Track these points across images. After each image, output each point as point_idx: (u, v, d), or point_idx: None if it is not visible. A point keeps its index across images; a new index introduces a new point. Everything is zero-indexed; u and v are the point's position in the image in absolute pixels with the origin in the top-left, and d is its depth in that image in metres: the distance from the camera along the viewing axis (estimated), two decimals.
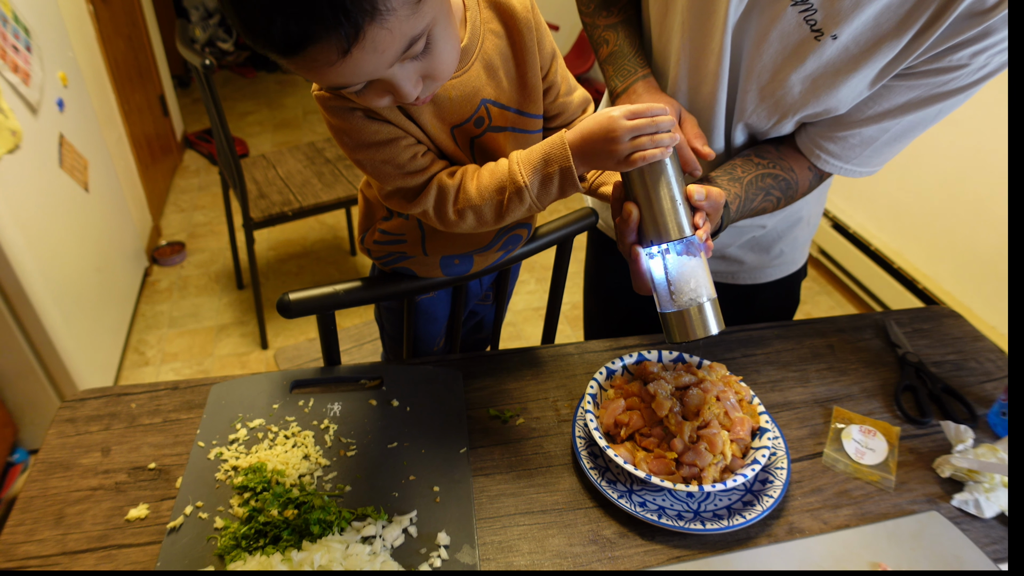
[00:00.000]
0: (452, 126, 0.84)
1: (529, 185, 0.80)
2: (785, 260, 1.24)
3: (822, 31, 0.88)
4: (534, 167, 0.79)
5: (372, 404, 0.97)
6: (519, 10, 0.84)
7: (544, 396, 1.01)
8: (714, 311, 0.80)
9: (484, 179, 0.82)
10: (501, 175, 0.81)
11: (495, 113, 0.86)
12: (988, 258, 2.28)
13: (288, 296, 0.94)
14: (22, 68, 1.91)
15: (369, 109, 0.78)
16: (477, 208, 0.82)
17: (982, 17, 0.82)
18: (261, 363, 2.47)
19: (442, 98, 0.81)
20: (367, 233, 1.00)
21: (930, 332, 1.19)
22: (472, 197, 0.82)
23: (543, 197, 0.81)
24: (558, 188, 0.80)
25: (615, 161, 0.76)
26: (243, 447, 0.90)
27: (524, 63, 0.86)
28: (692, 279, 0.79)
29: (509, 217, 0.83)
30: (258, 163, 2.56)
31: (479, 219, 0.83)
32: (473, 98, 0.83)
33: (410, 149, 0.82)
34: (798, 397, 1.04)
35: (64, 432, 0.94)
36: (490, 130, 0.86)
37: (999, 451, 0.92)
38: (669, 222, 0.79)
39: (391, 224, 0.96)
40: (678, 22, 0.96)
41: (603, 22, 1.05)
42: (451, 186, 0.82)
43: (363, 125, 0.79)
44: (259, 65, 5.17)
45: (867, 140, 0.97)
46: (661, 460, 0.83)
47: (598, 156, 0.77)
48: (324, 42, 0.60)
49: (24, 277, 1.80)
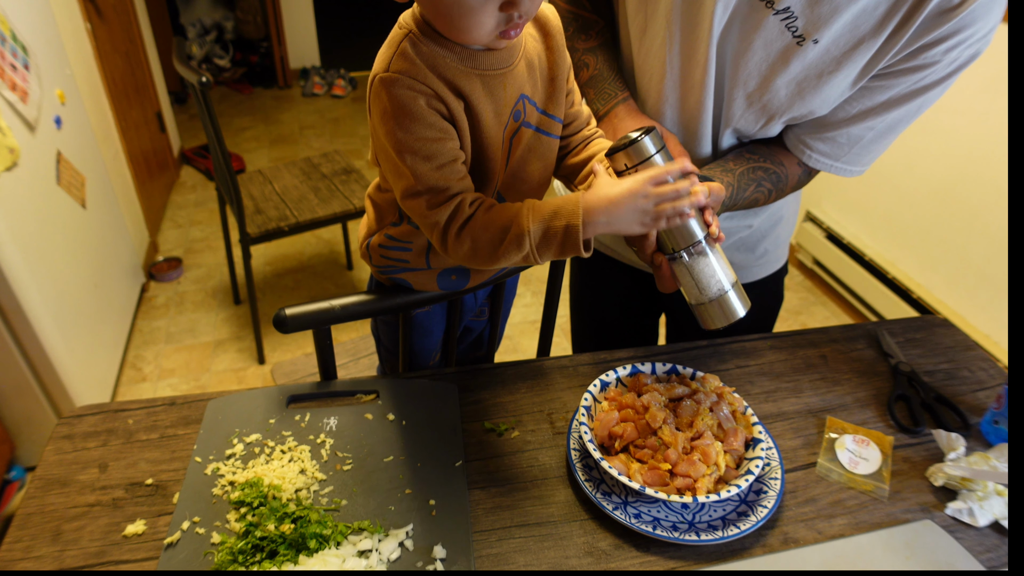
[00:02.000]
0: (503, 126, 0.88)
1: (531, 233, 0.81)
2: (769, 258, 1.27)
3: (803, 36, 0.91)
4: (542, 217, 0.81)
5: (368, 418, 0.97)
6: (552, 20, 0.92)
7: (539, 409, 1.02)
8: (739, 295, 0.90)
9: (494, 213, 0.83)
10: (509, 215, 0.82)
11: (529, 109, 0.90)
12: (980, 267, 2.29)
13: (284, 311, 0.95)
14: (20, 86, 1.92)
15: (433, 97, 0.80)
16: (477, 238, 0.83)
17: (950, 14, 0.87)
18: (258, 378, 2.47)
19: (498, 93, 0.85)
20: (372, 237, 1.01)
21: (922, 341, 1.19)
22: (477, 226, 0.83)
23: (543, 250, 0.82)
24: (559, 244, 0.81)
25: (640, 226, 0.81)
26: (240, 462, 0.91)
27: (555, 65, 0.92)
28: (715, 272, 0.88)
29: (504, 260, 0.84)
30: (254, 179, 2.57)
31: (475, 250, 0.84)
32: (517, 91, 0.88)
33: (455, 152, 0.84)
34: (791, 407, 1.04)
35: (62, 448, 0.95)
36: (524, 125, 0.90)
37: (991, 459, 0.93)
38: (686, 230, 0.86)
39: (399, 230, 0.97)
40: (660, 37, 0.98)
41: (582, 46, 1.07)
42: (467, 207, 0.84)
43: (425, 113, 0.80)
44: (255, 81, 5.20)
45: (854, 139, 1.01)
46: (655, 471, 0.84)
47: (622, 221, 0.80)
48: None
49: (22, 294, 1.81)
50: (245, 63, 5.29)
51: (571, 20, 1.08)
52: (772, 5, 0.90)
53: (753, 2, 0.91)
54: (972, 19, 0.87)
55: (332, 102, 4.89)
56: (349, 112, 4.73)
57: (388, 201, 0.98)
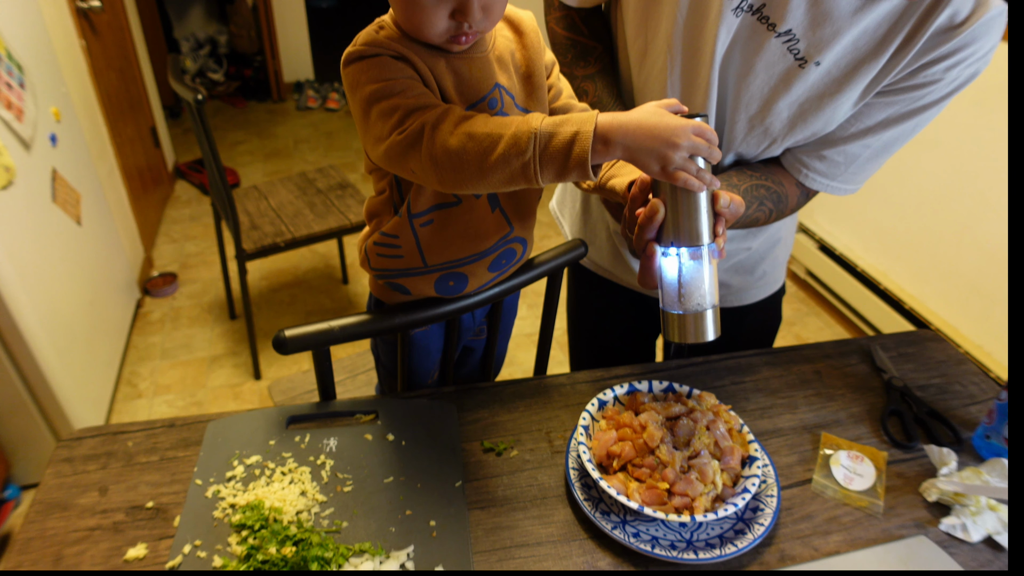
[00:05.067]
0: (469, 104, 0.87)
1: (539, 133, 0.73)
2: (767, 280, 1.28)
3: (806, 59, 0.92)
4: (552, 121, 0.74)
5: (368, 439, 0.98)
6: (526, 21, 0.94)
7: (537, 427, 1.03)
8: (714, 318, 0.84)
9: (496, 118, 0.78)
10: (515, 117, 0.77)
11: (507, 101, 0.90)
12: (972, 278, 2.32)
13: (284, 333, 0.96)
14: (16, 105, 1.93)
15: (399, 56, 0.82)
16: (473, 134, 0.75)
17: (953, 32, 0.88)
18: (254, 394, 2.47)
19: (463, 73, 0.86)
20: (369, 239, 1.02)
21: (915, 356, 1.21)
22: (476, 123, 0.76)
23: (545, 160, 0.74)
24: (562, 152, 0.73)
25: (659, 166, 0.74)
26: (240, 484, 0.91)
27: (531, 62, 0.93)
28: (703, 285, 0.83)
29: (498, 169, 0.75)
30: (250, 194, 2.58)
31: (464, 151, 0.75)
32: (489, 79, 0.88)
33: (426, 91, 0.82)
34: (787, 424, 1.05)
35: (61, 472, 0.95)
36: (501, 114, 0.88)
37: (983, 474, 0.94)
38: (694, 228, 0.80)
39: (391, 225, 0.97)
40: (661, 62, 0.99)
41: (581, 72, 1.08)
42: (459, 110, 0.79)
43: (391, 63, 0.82)
44: (249, 95, 5.21)
45: (851, 157, 1.02)
46: (653, 491, 0.85)
47: (643, 150, 0.73)
48: None
49: (17, 313, 1.81)
50: (239, 77, 5.30)
51: (569, 47, 1.09)
52: (774, 28, 0.91)
53: (755, 25, 0.92)
54: (974, 38, 0.89)
55: (326, 115, 4.90)
56: (343, 125, 4.74)
57: (383, 203, 0.98)
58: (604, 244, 1.26)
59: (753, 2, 0.90)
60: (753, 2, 0.90)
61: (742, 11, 0.91)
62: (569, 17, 1.09)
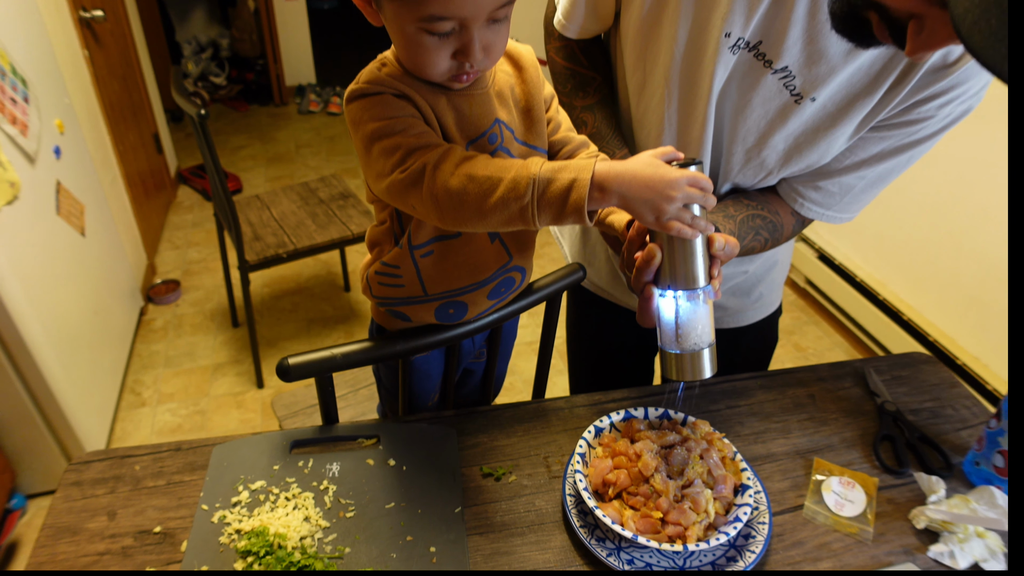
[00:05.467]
0: (469, 140, 0.89)
1: (537, 178, 0.75)
2: (764, 302, 1.30)
3: (801, 95, 0.94)
4: (551, 167, 0.76)
5: (369, 464, 1.00)
6: (525, 56, 0.96)
7: (535, 452, 1.05)
8: (711, 356, 0.86)
9: (496, 159, 0.80)
10: (514, 161, 0.79)
11: (507, 136, 0.92)
12: (970, 289, 2.34)
13: (287, 361, 0.98)
14: (20, 120, 1.95)
15: (400, 95, 0.84)
16: (473, 176, 0.77)
17: (945, 71, 0.91)
18: (256, 402, 2.50)
19: (464, 110, 0.88)
20: (370, 268, 1.04)
21: (908, 379, 1.23)
22: (477, 164, 0.78)
23: (543, 204, 0.76)
24: (561, 200, 0.75)
25: (653, 216, 0.76)
26: (245, 510, 0.93)
27: (530, 96, 0.94)
28: (699, 325, 0.85)
29: (496, 212, 0.77)
30: (252, 204, 2.60)
31: (465, 192, 0.77)
32: (489, 115, 0.90)
33: (427, 130, 0.84)
34: (780, 449, 1.07)
35: (70, 496, 0.97)
36: (502, 150, 0.91)
37: (971, 502, 0.96)
38: (689, 272, 0.83)
39: (392, 255, 0.99)
40: (659, 94, 1.01)
41: (580, 103, 1.10)
42: (461, 150, 0.81)
43: (392, 101, 0.84)
44: (251, 98, 5.23)
45: (846, 188, 1.04)
46: (647, 519, 0.87)
47: (638, 200, 0.75)
48: None
49: (23, 326, 1.83)
50: (241, 80, 5.32)
51: (569, 77, 1.11)
52: (771, 65, 0.93)
53: (751, 62, 0.94)
54: (966, 76, 0.91)
55: (328, 119, 4.92)
56: (345, 130, 4.76)
57: (384, 232, 1.01)
58: (603, 266, 1.28)
59: (750, 40, 0.92)
60: (750, 40, 0.92)
61: (739, 48, 0.93)
62: (569, 47, 1.11)
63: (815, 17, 0.88)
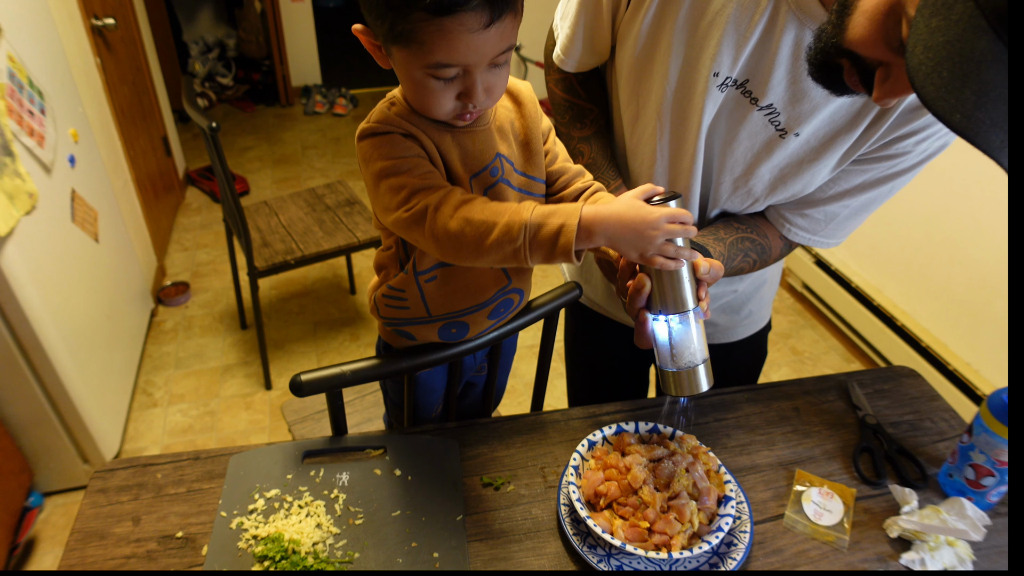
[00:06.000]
0: (472, 174, 0.95)
1: (528, 224, 0.81)
2: (753, 319, 1.36)
3: (786, 130, 1.00)
4: (542, 212, 0.83)
5: (377, 473, 1.06)
6: (524, 92, 1.02)
7: (533, 463, 1.11)
8: (706, 371, 0.93)
9: (492, 204, 0.85)
10: (508, 206, 0.84)
11: (507, 169, 0.98)
12: (963, 296, 2.39)
13: (300, 377, 1.04)
14: (37, 131, 2.01)
15: (408, 135, 0.90)
16: (470, 220, 0.83)
17: (921, 111, 0.96)
18: (265, 404, 2.57)
19: (468, 146, 0.94)
20: (378, 290, 1.10)
21: (890, 392, 1.29)
22: (473, 209, 0.84)
23: (535, 246, 0.82)
24: (551, 243, 0.81)
25: (637, 253, 0.83)
26: (261, 517, 1.00)
27: (529, 130, 1.00)
28: (691, 344, 0.92)
29: (492, 252, 0.83)
30: (260, 210, 2.67)
31: (462, 235, 0.83)
32: (491, 150, 0.96)
33: (432, 170, 0.91)
34: (764, 460, 1.14)
35: (97, 502, 1.04)
36: (503, 182, 0.98)
37: (941, 512, 1.02)
38: (678, 297, 0.90)
39: (398, 280, 1.06)
40: (651, 127, 1.07)
41: (577, 134, 1.16)
42: (460, 194, 0.87)
43: (400, 141, 0.90)
44: (258, 99, 5.29)
45: (830, 216, 1.10)
46: (635, 528, 0.93)
47: (624, 241, 0.82)
48: (478, 12, 0.77)
49: (40, 332, 1.90)
50: (248, 81, 5.38)
51: (567, 108, 1.17)
52: (756, 102, 0.99)
53: (739, 98, 1.00)
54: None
55: (334, 120, 4.98)
56: (350, 131, 4.82)
57: (391, 257, 1.07)
58: (599, 283, 1.34)
59: (737, 78, 0.98)
60: (737, 78, 0.98)
61: (727, 87, 0.99)
62: (567, 80, 1.17)
63: (798, 59, 0.94)
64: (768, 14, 0.92)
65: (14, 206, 1.79)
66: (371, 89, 5.41)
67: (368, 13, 0.83)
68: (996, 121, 0.63)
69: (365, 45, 0.89)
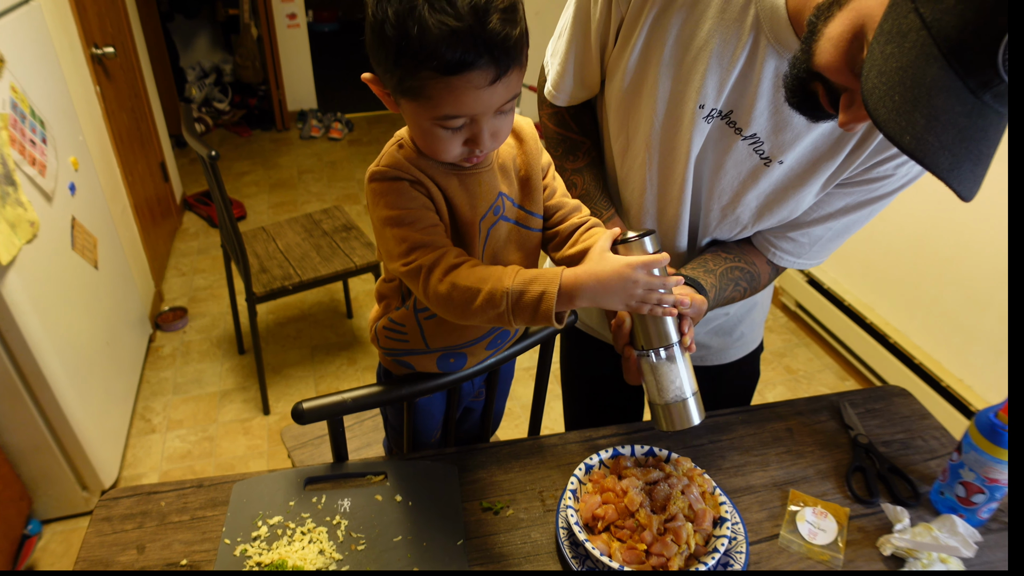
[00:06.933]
0: (479, 217, 0.98)
1: (510, 292, 0.85)
2: (745, 341, 1.39)
3: (770, 159, 1.03)
4: (523, 279, 0.86)
5: (378, 499, 1.08)
6: (526, 129, 1.03)
7: (531, 486, 1.13)
8: (696, 404, 0.95)
9: (479, 268, 0.89)
10: (493, 272, 0.88)
11: (507, 205, 1.01)
12: (954, 314, 2.42)
13: (302, 405, 1.06)
14: (39, 161, 2.04)
15: (415, 182, 0.92)
16: (457, 285, 0.87)
17: None
18: (263, 429, 2.57)
19: (473, 189, 0.96)
20: (379, 321, 1.12)
21: (881, 412, 1.31)
22: (461, 275, 0.88)
23: (517, 312, 0.86)
24: (532, 310, 0.85)
25: (623, 305, 0.87)
26: (265, 544, 1.01)
27: (529, 167, 1.03)
28: (677, 378, 0.94)
29: (478, 315, 0.87)
30: (258, 236, 2.69)
31: (451, 298, 0.87)
32: (494, 190, 0.98)
33: (437, 221, 0.94)
34: (759, 481, 1.16)
35: (102, 531, 1.05)
36: (503, 219, 1.01)
37: (933, 529, 1.04)
38: (661, 332, 0.93)
39: (399, 314, 1.08)
40: (640, 157, 1.10)
41: (570, 166, 1.19)
42: (452, 257, 0.90)
43: (407, 190, 0.92)
44: (254, 123, 5.33)
45: (814, 238, 1.13)
46: (633, 551, 0.95)
47: (606, 299, 0.86)
48: (485, 70, 0.79)
49: (41, 359, 1.92)
50: (244, 106, 5.43)
51: (560, 142, 1.20)
52: (741, 132, 1.02)
53: (724, 128, 1.03)
54: None
55: (329, 145, 5.02)
56: (346, 155, 4.86)
57: (392, 289, 1.10)
58: (593, 308, 1.37)
59: (722, 109, 1.01)
60: (722, 109, 1.01)
61: (712, 118, 1.02)
62: (560, 114, 1.20)
63: (779, 89, 0.97)
64: (749, 47, 0.95)
65: (16, 235, 1.81)
66: (366, 113, 5.46)
67: (377, 66, 0.86)
68: (945, 144, 0.67)
69: (375, 92, 0.91)
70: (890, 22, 0.69)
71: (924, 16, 0.66)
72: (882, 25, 0.70)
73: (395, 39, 0.79)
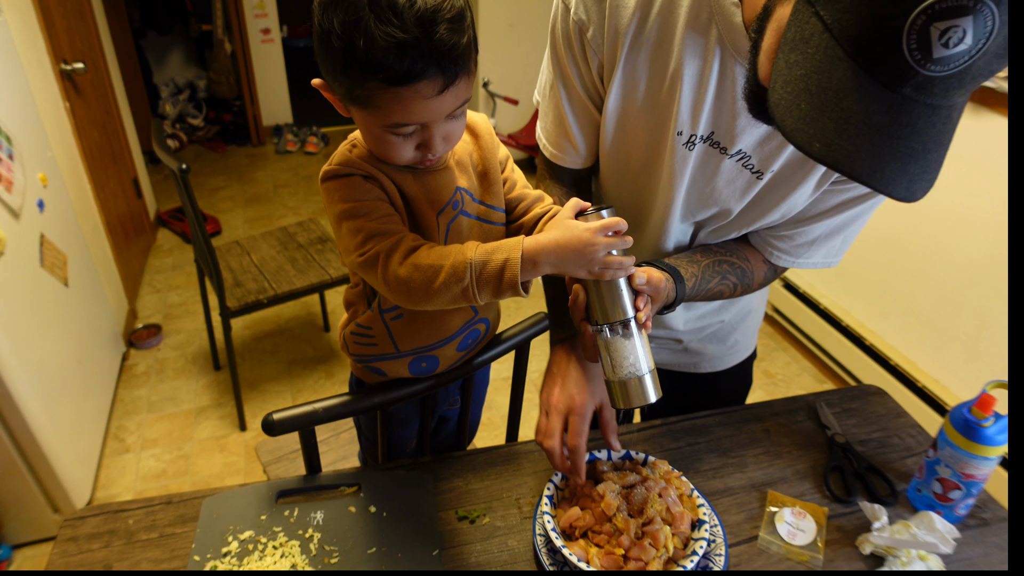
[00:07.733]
0: (437, 211, 0.97)
1: (473, 263, 0.83)
2: (739, 348, 1.38)
3: (761, 171, 1.02)
4: (485, 250, 0.85)
5: (352, 511, 1.06)
6: (481, 124, 1.04)
7: (508, 494, 1.12)
8: (652, 382, 0.93)
9: (438, 248, 0.87)
10: (453, 248, 0.87)
11: (467, 200, 1.00)
12: (928, 315, 2.45)
13: (272, 416, 1.04)
14: (5, 177, 2.00)
15: (370, 177, 0.92)
16: (418, 265, 0.85)
17: None
18: (240, 446, 2.54)
19: (430, 185, 0.95)
20: (347, 327, 1.11)
21: (857, 411, 1.31)
22: (420, 256, 0.86)
23: (482, 284, 0.84)
24: (496, 279, 0.83)
25: (585, 271, 0.86)
26: (235, 559, 0.99)
27: (487, 160, 1.02)
28: (631, 354, 0.92)
29: (442, 294, 0.85)
30: (232, 250, 2.66)
31: (410, 280, 0.85)
32: (451, 185, 0.98)
33: (392, 211, 0.93)
34: (737, 483, 1.15)
35: (67, 551, 1.02)
36: (462, 214, 1.00)
37: (911, 527, 1.04)
38: (615, 305, 0.91)
39: (365, 318, 1.07)
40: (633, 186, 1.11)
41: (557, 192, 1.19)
42: (410, 241, 0.89)
43: (361, 184, 0.91)
44: (229, 139, 5.30)
45: (811, 236, 1.12)
46: (611, 556, 0.94)
47: (568, 263, 0.85)
48: (433, 80, 0.79)
49: (9, 378, 1.87)
50: (219, 121, 5.39)
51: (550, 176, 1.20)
52: (726, 151, 1.01)
53: (709, 151, 1.02)
54: None
55: (305, 159, 5.00)
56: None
57: (358, 294, 1.09)
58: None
59: (703, 134, 1.00)
60: (703, 134, 1.00)
61: (694, 144, 1.01)
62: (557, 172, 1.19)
63: None
64: (718, 67, 0.94)
65: None
66: (342, 127, 5.44)
67: (326, 74, 0.85)
68: (860, 147, 0.65)
69: (327, 97, 0.90)
70: (793, 30, 0.68)
71: (824, 19, 0.65)
72: (786, 34, 0.69)
73: (342, 50, 0.78)
